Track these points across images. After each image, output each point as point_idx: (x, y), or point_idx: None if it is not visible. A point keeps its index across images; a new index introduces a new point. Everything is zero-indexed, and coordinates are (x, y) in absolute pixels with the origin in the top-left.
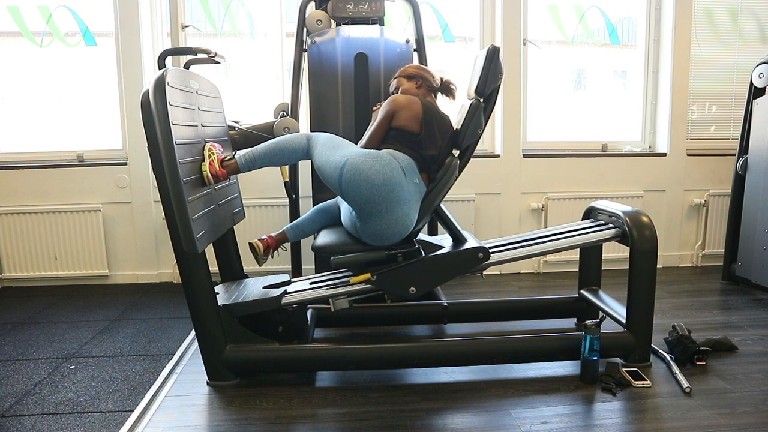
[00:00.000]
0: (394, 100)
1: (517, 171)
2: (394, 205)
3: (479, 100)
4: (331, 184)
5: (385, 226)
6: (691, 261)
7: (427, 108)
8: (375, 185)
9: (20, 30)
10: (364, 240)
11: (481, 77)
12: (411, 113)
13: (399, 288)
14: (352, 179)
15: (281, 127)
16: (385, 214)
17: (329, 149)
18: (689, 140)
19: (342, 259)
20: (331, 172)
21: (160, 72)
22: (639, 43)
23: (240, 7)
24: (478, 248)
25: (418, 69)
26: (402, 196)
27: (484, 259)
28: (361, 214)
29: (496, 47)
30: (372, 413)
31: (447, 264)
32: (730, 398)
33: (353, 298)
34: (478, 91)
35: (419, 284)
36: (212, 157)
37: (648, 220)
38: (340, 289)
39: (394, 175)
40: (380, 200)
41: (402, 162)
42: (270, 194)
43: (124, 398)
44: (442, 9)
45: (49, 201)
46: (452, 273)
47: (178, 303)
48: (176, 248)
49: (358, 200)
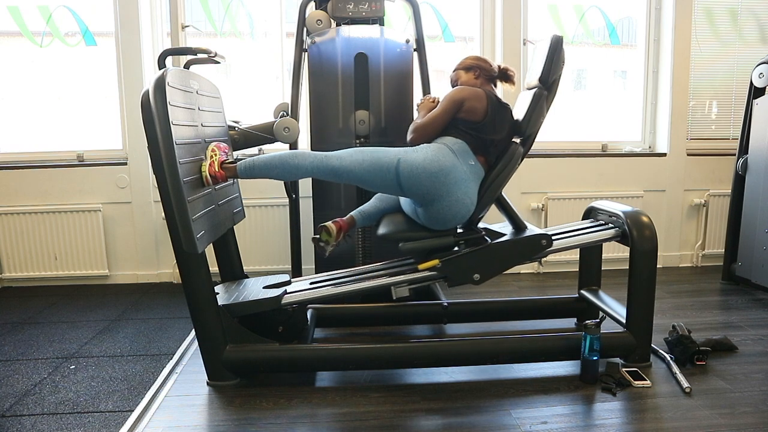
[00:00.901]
0: (462, 90)
1: (517, 171)
2: (451, 186)
3: (542, 89)
4: (388, 187)
5: (447, 208)
6: (691, 261)
7: (491, 98)
8: (432, 173)
9: (20, 30)
10: (428, 225)
11: (545, 66)
12: (477, 104)
13: (464, 274)
14: (412, 175)
15: (281, 127)
16: (446, 197)
17: (363, 157)
18: (689, 140)
19: (410, 245)
20: (384, 175)
21: (160, 72)
22: (639, 43)
23: (240, 7)
24: (541, 235)
25: (475, 60)
26: (459, 177)
27: (547, 246)
28: (424, 202)
29: (559, 36)
30: (372, 413)
31: (511, 251)
32: (730, 398)
33: (414, 286)
34: (542, 79)
35: (484, 271)
36: (214, 158)
37: (648, 220)
38: (402, 277)
39: (447, 159)
40: (439, 185)
41: (452, 146)
42: (270, 194)
43: (124, 398)
44: (442, 9)
45: (49, 201)
46: (516, 260)
47: (178, 303)
48: (176, 248)
49: (420, 192)
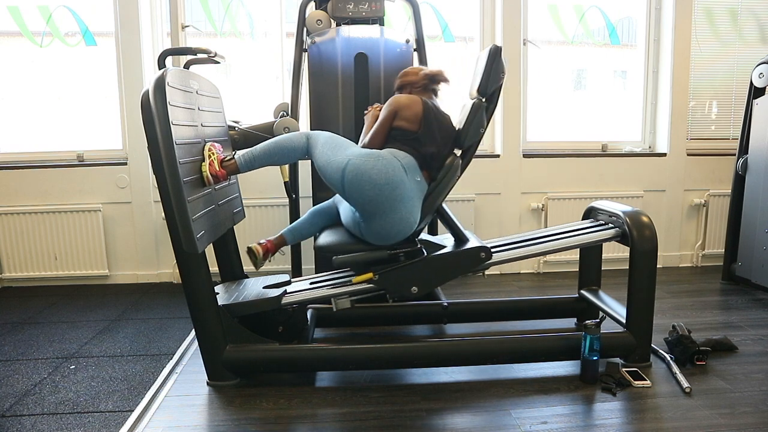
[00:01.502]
0: (396, 99)
1: (517, 171)
2: (397, 203)
3: (481, 100)
4: (333, 185)
5: (390, 225)
6: (691, 261)
7: (427, 106)
8: (378, 185)
9: (20, 30)
10: (368, 240)
11: (483, 76)
12: (411, 112)
13: (401, 287)
14: (355, 180)
15: (281, 127)
16: (390, 213)
17: (330, 149)
18: (689, 140)
19: (344, 259)
20: (333, 172)
21: (160, 72)
22: (639, 43)
23: (240, 7)
24: (480, 248)
25: (400, 78)
26: (405, 194)
27: (486, 259)
28: (365, 213)
29: (498, 47)
30: (372, 413)
31: (449, 263)
32: (730, 398)
33: (355, 298)
34: (480, 90)
35: (421, 284)
36: (212, 158)
37: (648, 220)
38: (341, 289)
39: (396, 174)
40: (384, 199)
41: (402, 160)
42: (270, 194)
43: (124, 398)
44: (442, 9)
45: (49, 201)
46: (454, 273)
47: (178, 303)
48: (176, 248)
49: (361, 200)
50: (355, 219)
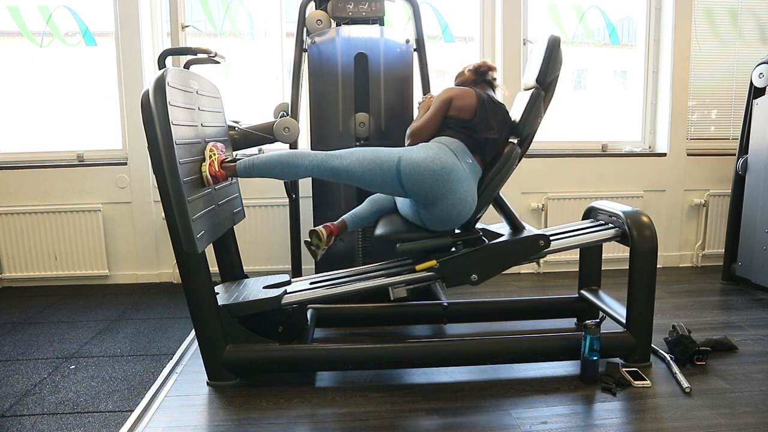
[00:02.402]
0: (448, 89)
1: (517, 171)
2: (454, 185)
3: (539, 89)
4: (388, 187)
5: (451, 207)
6: (691, 261)
7: (480, 96)
8: (435, 171)
9: (20, 30)
10: (430, 227)
11: (542, 66)
12: (465, 102)
13: (461, 275)
14: (413, 173)
15: (281, 127)
16: (449, 196)
17: (367, 156)
18: (689, 140)
19: (408, 246)
20: (384, 174)
21: (160, 72)
22: (639, 43)
23: (240, 7)
24: (538, 236)
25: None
26: (461, 175)
27: (545, 247)
28: (427, 201)
29: (557, 37)
30: (372, 413)
31: (509, 251)
32: (730, 398)
33: (412, 287)
34: (539, 80)
35: (481, 271)
36: (213, 158)
37: (648, 220)
38: (399, 278)
39: (447, 157)
40: (443, 182)
41: (451, 145)
42: (270, 194)
43: (124, 398)
44: (442, 9)
45: (49, 201)
46: (513, 260)
47: (178, 303)
48: (176, 248)
49: (423, 191)
50: (415, 208)
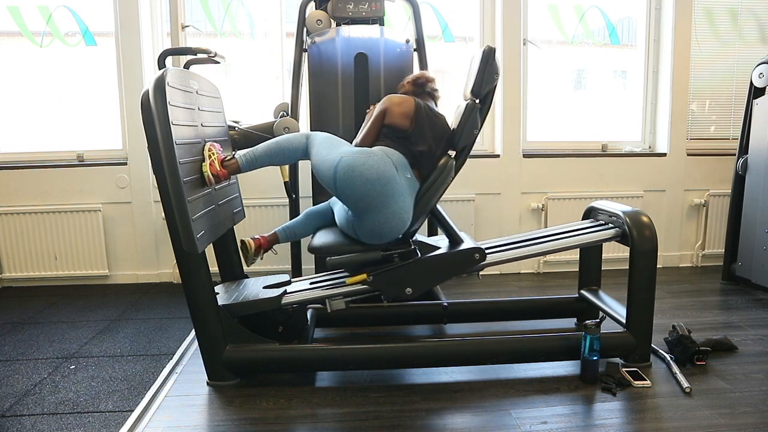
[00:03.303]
0: (388, 98)
1: (517, 171)
2: (389, 198)
3: (475, 101)
4: (326, 183)
5: (383, 221)
6: (691, 261)
7: (419, 105)
8: (369, 180)
9: (20, 30)
10: (362, 239)
11: (477, 78)
12: (402, 110)
13: (395, 288)
14: (347, 176)
15: (281, 127)
16: (382, 209)
17: (325, 149)
18: (689, 140)
19: (338, 260)
20: (326, 170)
21: (160, 72)
22: (639, 43)
23: (240, 7)
24: (474, 249)
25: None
26: (396, 190)
27: (480, 260)
28: (357, 211)
29: (492, 48)
30: (372, 413)
31: (443, 265)
32: (730, 398)
33: (350, 299)
34: (473, 91)
35: (415, 285)
36: (212, 158)
37: (648, 220)
38: (336, 290)
39: (387, 169)
40: (375, 195)
41: (393, 157)
42: (270, 194)
43: (124, 398)
44: (442, 9)
45: (49, 201)
46: (448, 274)
47: (178, 303)
48: (176, 248)
49: (353, 197)
50: (349, 218)
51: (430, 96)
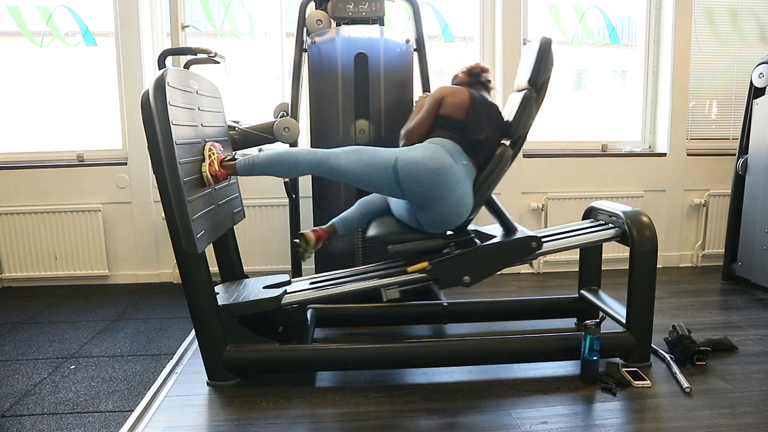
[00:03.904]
0: (442, 88)
1: (517, 171)
2: (452, 185)
3: (531, 91)
4: (384, 185)
5: (449, 208)
6: (691, 261)
7: (473, 96)
8: (433, 170)
9: (20, 30)
10: (426, 228)
11: (534, 68)
12: (457, 100)
13: (454, 276)
14: (411, 172)
15: (281, 127)
16: (447, 196)
17: (363, 156)
18: (689, 140)
19: (400, 248)
20: (381, 173)
21: (160, 72)
22: (639, 43)
23: (240, 7)
24: (531, 237)
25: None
26: (458, 176)
27: (537, 248)
28: (424, 202)
29: (548, 39)
30: (372, 413)
31: (501, 253)
32: (730, 398)
33: (405, 288)
34: (531, 81)
35: (474, 273)
36: (212, 158)
37: (648, 220)
38: (392, 279)
39: (445, 158)
40: (441, 182)
41: (446, 145)
42: (270, 194)
43: (124, 398)
44: (442, 9)
45: (49, 201)
46: (506, 262)
47: (178, 303)
48: (176, 248)
49: (420, 190)
50: (410, 210)
51: (483, 86)
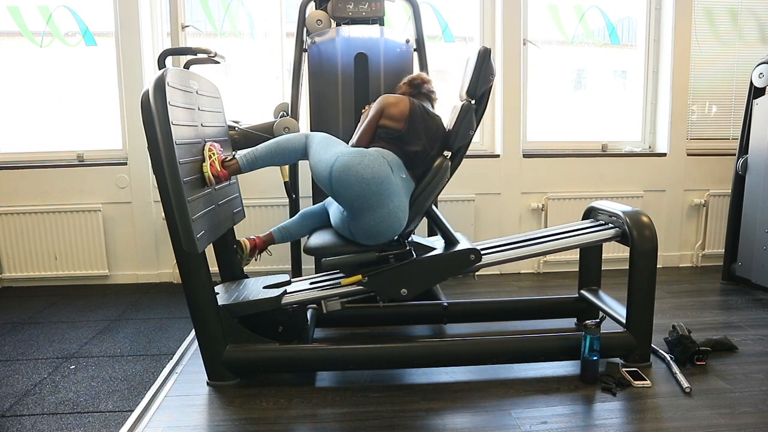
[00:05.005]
0: (383, 97)
1: (517, 171)
2: (384, 198)
3: (470, 102)
4: (322, 183)
5: (378, 221)
6: (691, 261)
7: (414, 106)
8: (365, 179)
9: (20, 30)
10: (358, 239)
11: (473, 79)
12: (397, 110)
13: (390, 289)
14: (342, 176)
15: (281, 127)
16: (377, 209)
17: (322, 148)
18: (689, 140)
19: (333, 261)
20: (322, 170)
21: (160, 72)
22: (639, 43)
23: (240, 7)
24: (469, 250)
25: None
26: (392, 189)
27: (475, 261)
28: (353, 210)
29: (487, 48)
30: (372, 413)
31: (438, 266)
32: (730, 398)
33: (345, 300)
34: (469, 92)
35: (411, 286)
36: (213, 158)
37: (648, 220)
38: (332, 291)
39: (382, 169)
40: (371, 194)
41: (387, 157)
42: (270, 194)
43: (124, 398)
44: (442, 9)
45: (49, 201)
46: (444, 275)
47: (178, 303)
48: (176, 248)
49: (349, 196)
50: (344, 219)
51: (426, 97)
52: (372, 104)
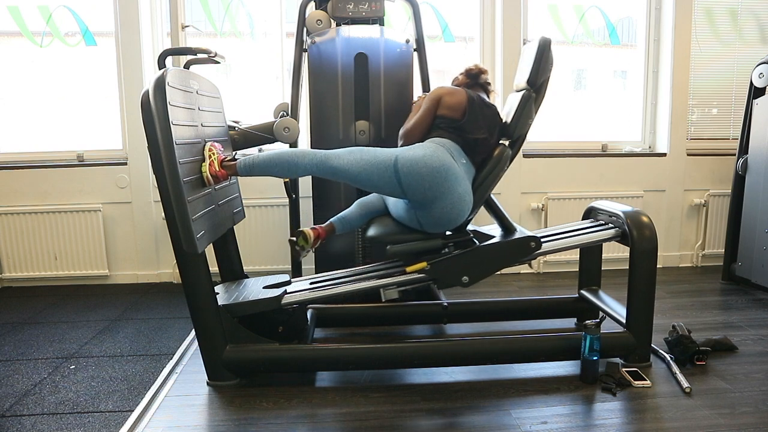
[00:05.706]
0: (439, 88)
1: (517, 171)
2: (453, 183)
3: (530, 91)
4: (384, 184)
5: (450, 207)
6: (691, 261)
7: (471, 96)
8: (434, 168)
9: (20, 30)
10: (426, 229)
11: (533, 68)
12: (455, 100)
13: (452, 277)
14: (412, 170)
15: (281, 127)
16: (448, 195)
17: (363, 156)
18: (689, 140)
19: (399, 248)
20: (382, 172)
21: (160, 72)
22: (639, 43)
23: (240, 7)
24: (530, 237)
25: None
26: (458, 174)
27: (536, 249)
28: (425, 201)
29: (547, 39)
30: (372, 413)
31: (500, 253)
32: (730, 398)
33: (403, 288)
34: (530, 81)
35: (472, 273)
36: (212, 158)
37: (648, 220)
38: (391, 279)
39: (446, 157)
40: (442, 181)
41: (445, 144)
42: (270, 194)
43: (124, 398)
44: (442, 9)
45: (49, 201)
46: (505, 262)
47: (178, 303)
48: (176, 248)
49: (421, 188)
50: (410, 209)
51: (482, 88)
52: (423, 95)
